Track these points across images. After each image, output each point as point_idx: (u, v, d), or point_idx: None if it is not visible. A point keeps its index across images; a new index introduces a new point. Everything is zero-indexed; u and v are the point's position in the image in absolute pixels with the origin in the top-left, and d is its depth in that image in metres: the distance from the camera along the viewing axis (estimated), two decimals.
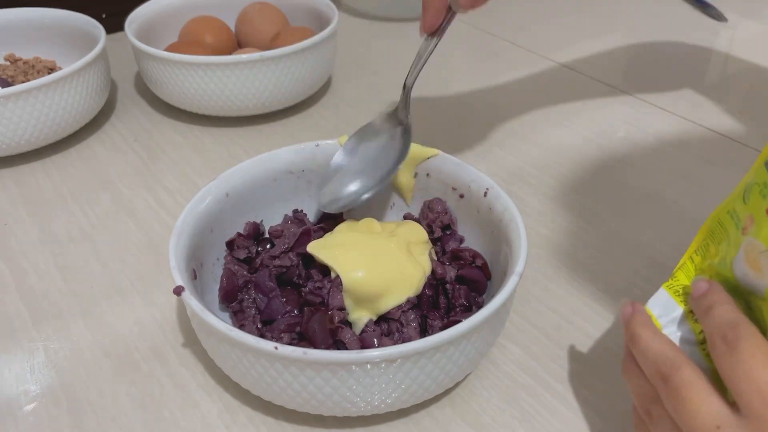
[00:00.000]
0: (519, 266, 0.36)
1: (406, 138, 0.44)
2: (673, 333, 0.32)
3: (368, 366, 0.32)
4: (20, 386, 0.39)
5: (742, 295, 0.30)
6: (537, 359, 0.41)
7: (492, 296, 0.35)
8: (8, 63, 0.68)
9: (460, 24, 0.88)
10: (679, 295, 0.33)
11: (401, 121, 0.44)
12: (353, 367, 0.32)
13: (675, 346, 0.30)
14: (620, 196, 0.55)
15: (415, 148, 0.46)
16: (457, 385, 0.39)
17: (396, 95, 0.70)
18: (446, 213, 0.45)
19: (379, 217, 0.48)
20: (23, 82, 0.61)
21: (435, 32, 0.43)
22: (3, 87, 0.55)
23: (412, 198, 0.47)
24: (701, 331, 0.31)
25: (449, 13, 0.42)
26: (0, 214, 0.53)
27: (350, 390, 0.33)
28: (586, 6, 0.93)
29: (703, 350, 0.31)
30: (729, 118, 0.66)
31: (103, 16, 0.75)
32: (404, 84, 0.44)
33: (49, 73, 0.63)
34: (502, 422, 0.37)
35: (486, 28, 0.85)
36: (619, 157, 0.60)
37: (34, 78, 0.63)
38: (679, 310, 0.32)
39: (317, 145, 0.47)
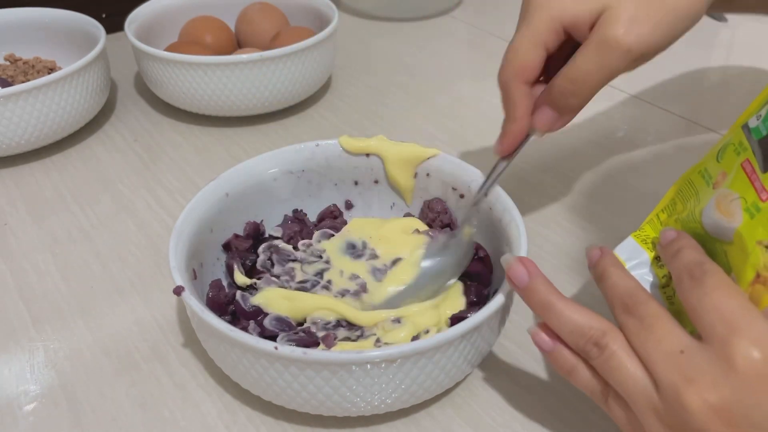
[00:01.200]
0: None
1: (462, 250, 0.41)
2: (639, 275, 0.34)
3: (368, 366, 0.32)
4: (20, 386, 0.39)
5: (705, 244, 0.32)
6: (537, 359, 0.41)
7: (493, 295, 0.35)
8: (8, 63, 0.68)
9: (459, 24, 0.88)
10: (645, 243, 0.36)
11: (460, 235, 0.42)
12: (353, 367, 0.32)
13: (641, 285, 0.32)
14: (620, 196, 0.55)
15: (415, 149, 0.46)
16: (457, 385, 0.39)
17: (395, 95, 0.71)
18: (446, 213, 0.45)
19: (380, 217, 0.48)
20: (23, 82, 0.61)
21: (509, 155, 0.41)
22: (3, 87, 0.55)
23: (412, 198, 0.47)
24: (664, 275, 0.34)
25: (526, 137, 0.40)
26: (0, 214, 0.53)
27: (350, 390, 0.33)
28: None
29: (664, 293, 0.34)
30: (729, 118, 0.66)
31: (103, 16, 0.75)
32: (474, 202, 0.42)
33: (49, 73, 0.63)
34: (502, 422, 0.37)
35: (486, 28, 0.85)
36: (619, 157, 0.60)
37: (34, 78, 0.63)
38: (645, 255, 0.35)
39: (317, 145, 0.47)
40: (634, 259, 0.35)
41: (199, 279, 0.40)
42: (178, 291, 0.35)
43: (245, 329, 0.39)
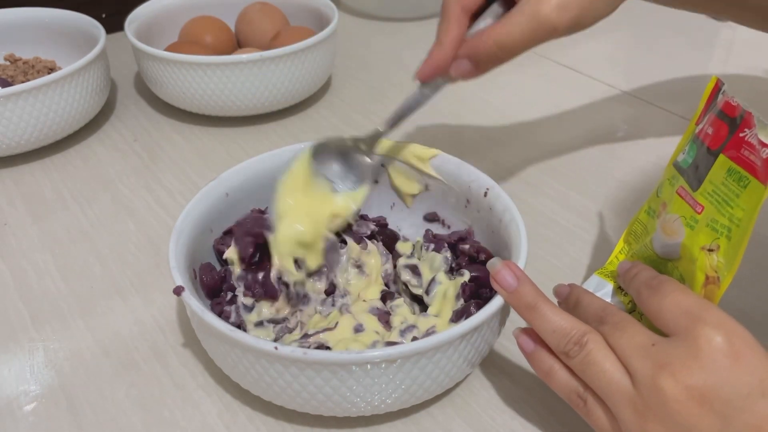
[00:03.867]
0: (520, 265, 0.36)
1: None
2: None
3: (368, 366, 0.32)
4: (20, 386, 0.39)
5: (660, 267, 0.37)
6: None
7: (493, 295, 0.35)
8: (8, 63, 0.68)
9: None
10: (608, 277, 0.40)
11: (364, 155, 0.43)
12: (353, 367, 0.32)
13: (611, 303, 0.35)
14: (620, 195, 0.55)
15: (415, 149, 0.46)
16: (457, 385, 0.39)
17: (395, 95, 0.71)
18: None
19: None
20: (23, 82, 0.61)
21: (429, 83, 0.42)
22: (3, 87, 0.55)
23: (413, 200, 0.47)
24: (630, 301, 0.38)
25: (441, 82, 0.42)
26: (0, 214, 0.53)
27: (350, 390, 0.33)
28: None
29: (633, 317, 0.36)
30: None
31: (103, 16, 0.75)
32: (377, 129, 0.43)
33: (49, 73, 0.63)
34: (502, 422, 0.37)
35: None
36: (619, 157, 0.60)
37: (34, 78, 0.63)
38: (610, 286, 0.39)
39: None
40: (600, 291, 0.39)
41: (199, 279, 0.40)
42: (178, 291, 0.35)
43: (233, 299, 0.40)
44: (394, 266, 0.44)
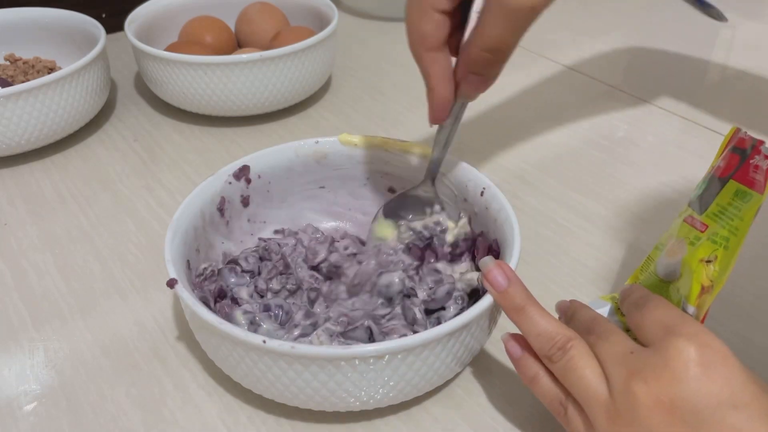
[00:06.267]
0: (512, 265, 0.36)
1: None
2: None
3: (356, 362, 0.32)
4: (20, 386, 0.39)
5: (662, 291, 0.38)
6: None
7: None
8: (8, 63, 0.68)
9: None
10: (611, 301, 0.40)
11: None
12: (341, 362, 0.32)
13: (603, 316, 0.36)
14: (620, 196, 0.55)
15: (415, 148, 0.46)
16: (457, 383, 0.39)
17: (395, 95, 0.71)
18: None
19: None
20: (23, 82, 0.61)
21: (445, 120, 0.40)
22: (3, 87, 0.56)
23: None
24: None
25: (456, 102, 0.40)
26: (0, 214, 0.53)
27: (338, 385, 0.33)
28: (586, 6, 0.93)
29: (629, 336, 0.37)
30: (729, 118, 0.66)
31: (103, 16, 0.75)
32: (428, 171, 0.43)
33: (49, 73, 0.63)
34: (502, 422, 0.37)
35: None
36: (619, 157, 0.60)
37: (34, 78, 0.63)
38: (610, 305, 0.40)
39: (317, 143, 0.47)
40: (600, 309, 0.39)
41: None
42: (171, 283, 0.35)
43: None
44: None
